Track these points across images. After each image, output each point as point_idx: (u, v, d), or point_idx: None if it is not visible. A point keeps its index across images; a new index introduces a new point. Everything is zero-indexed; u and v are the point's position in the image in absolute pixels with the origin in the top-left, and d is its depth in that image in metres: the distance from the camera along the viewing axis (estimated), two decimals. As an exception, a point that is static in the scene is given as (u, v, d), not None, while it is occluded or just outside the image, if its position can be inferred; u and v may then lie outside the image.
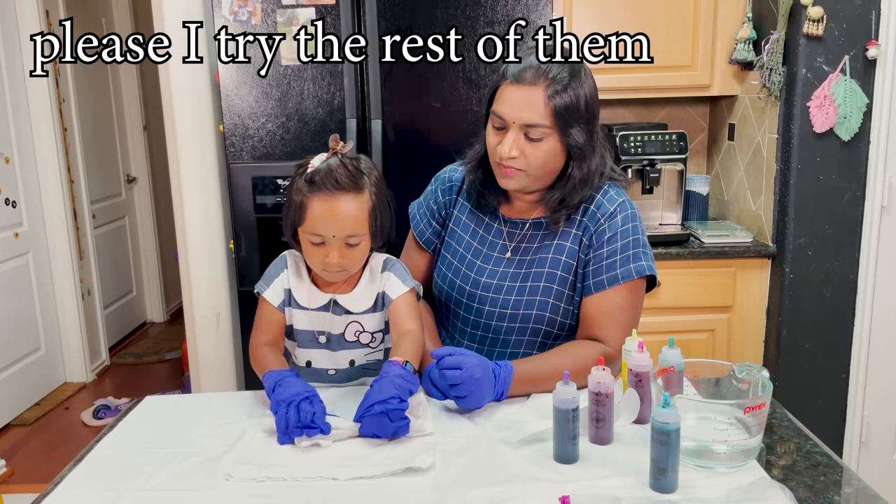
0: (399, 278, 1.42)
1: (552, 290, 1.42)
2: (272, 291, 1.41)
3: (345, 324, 1.42)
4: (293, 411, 1.20)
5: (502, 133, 1.36)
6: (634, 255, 1.40)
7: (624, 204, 1.43)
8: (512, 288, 1.44)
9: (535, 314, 1.42)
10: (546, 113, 1.32)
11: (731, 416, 1.12)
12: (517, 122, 1.33)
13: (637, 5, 2.56)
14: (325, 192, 1.30)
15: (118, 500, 1.07)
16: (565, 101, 1.32)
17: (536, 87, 1.32)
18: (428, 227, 1.57)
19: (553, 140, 1.34)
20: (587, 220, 1.42)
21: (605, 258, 1.39)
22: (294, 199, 1.33)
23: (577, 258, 1.42)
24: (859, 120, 2.32)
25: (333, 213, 1.30)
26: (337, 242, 1.31)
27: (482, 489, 1.06)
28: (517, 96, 1.33)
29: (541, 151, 1.34)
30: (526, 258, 1.45)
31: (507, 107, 1.34)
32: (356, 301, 1.41)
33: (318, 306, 1.41)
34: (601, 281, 1.39)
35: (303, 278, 1.42)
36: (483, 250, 1.49)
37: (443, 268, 1.54)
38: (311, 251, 1.34)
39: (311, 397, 1.22)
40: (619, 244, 1.40)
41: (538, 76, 1.32)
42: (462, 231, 1.53)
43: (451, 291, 1.50)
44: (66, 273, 3.85)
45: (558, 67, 1.33)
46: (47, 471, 3.00)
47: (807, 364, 2.48)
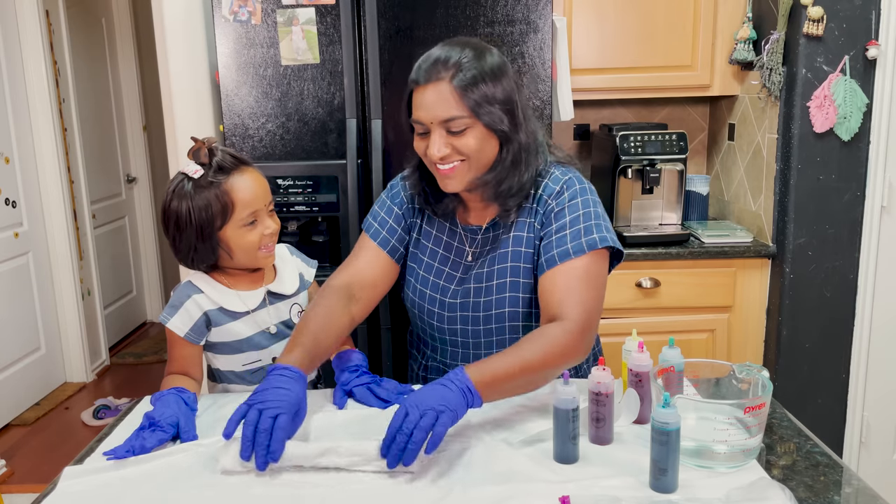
0: (304, 261, 1.60)
1: (518, 283, 1.40)
2: (178, 320, 1.42)
3: (287, 307, 1.50)
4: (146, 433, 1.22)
5: (427, 137, 1.33)
6: (586, 228, 1.34)
7: (571, 180, 1.39)
8: (479, 290, 1.42)
9: (509, 311, 1.41)
10: (458, 103, 1.28)
11: (731, 416, 1.12)
12: (435, 121, 1.30)
13: (637, 5, 2.56)
14: (237, 171, 1.39)
15: (118, 499, 1.07)
16: (473, 86, 1.27)
17: (442, 80, 1.28)
18: (392, 233, 1.49)
19: (477, 128, 1.30)
20: (536, 205, 1.40)
21: (555, 233, 1.35)
22: (209, 204, 1.36)
23: (533, 245, 1.40)
24: (859, 120, 2.32)
25: (256, 181, 1.41)
26: (265, 212, 1.42)
27: (482, 489, 1.06)
28: (427, 97, 1.29)
29: (469, 140, 1.30)
30: (486, 259, 1.43)
31: (421, 110, 1.31)
32: (286, 283, 1.51)
33: (256, 304, 1.46)
34: (552, 257, 1.34)
35: (225, 290, 1.45)
36: (450, 257, 1.47)
37: (411, 279, 1.50)
38: (246, 237, 1.40)
39: (155, 427, 1.22)
40: (567, 219, 1.35)
41: (441, 69, 1.28)
42: (426, 240, 1.50)
43: (424, 304, 1.48)
44: (66, 273, 3.85)
45: (458, 53, 1.29)
46: (47, 471, 3.00)
47: (807, 364, 2.48)
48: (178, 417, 1.24)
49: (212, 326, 1.44)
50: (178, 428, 1.23)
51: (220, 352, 1.47)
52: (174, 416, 1.24)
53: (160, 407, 1.26)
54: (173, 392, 1.30)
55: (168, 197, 1.39)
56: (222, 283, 1.45)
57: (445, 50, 1.30)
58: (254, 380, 1.48)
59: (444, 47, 1.32)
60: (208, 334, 1.45)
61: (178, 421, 1.24)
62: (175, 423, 1.23)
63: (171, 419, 1.23)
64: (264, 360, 1.48)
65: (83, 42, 4.19)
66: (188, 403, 1.29)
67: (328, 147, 2.29)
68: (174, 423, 1.23)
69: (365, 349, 2.28)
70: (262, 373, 1.47)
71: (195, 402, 1.32)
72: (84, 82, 4.16)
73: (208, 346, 1.47)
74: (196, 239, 1.38)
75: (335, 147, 2.28)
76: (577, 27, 2.58)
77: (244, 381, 1.49)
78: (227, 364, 1.48)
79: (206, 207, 1.36)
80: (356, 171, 2.22)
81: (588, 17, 2.58)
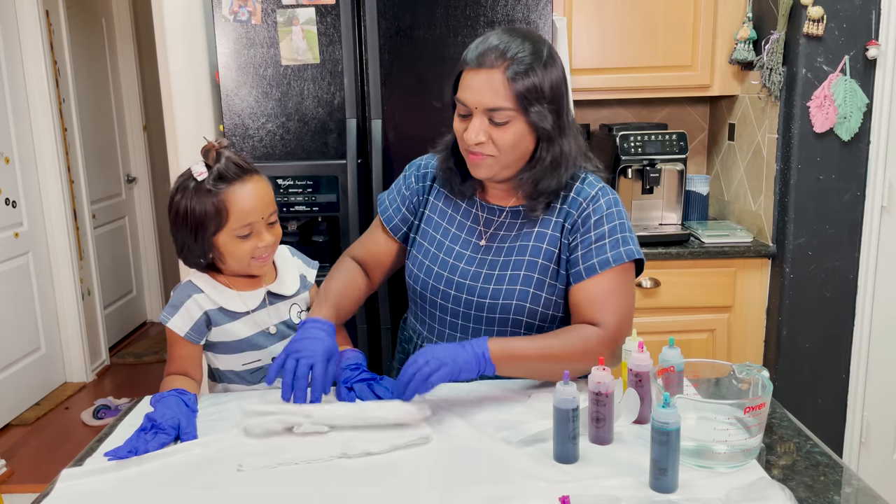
0: (305, 263, 1.59)
1: (532, 278, 1.39)
2: (178, 320, 1.42)
3: (287, 307, 1.50)
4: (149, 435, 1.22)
5: (468, 120, 1.34)
6: (623, 238, 1.37)
7: (605, 189, 1.41)
8: (491, 276, 1.41)
9: (516, 304, 1.39)
10: (507, 95, 1.29)
11: (731, 416, 1.12)
12: (480, 107, 1.31)
13: (637, 5, 2.56)
14: (238, 181, 1.37)
15: (118, 499, 1.07)
16: (526, 81, 1.28)
17: (496, 69, 1.28)
18: (397, 212, 1.54)
19: (519, 123, 1.31)
20: (568, 207, 1.40)
21: (594, 242, 1.37)
22: (205, 210, 1.36)
23: (558, 244, 1.39)
24: (859, 120, 2.32)
25: (255, 194, 1.38)
26: (263, 224, 1.39)
27: (482, 489, 1.06)
28: (477, 81, 1.30)
29: (508, 135, 1.31)
30: (503, 246, 1.42)
31: (468, 92, 1.32)
32: (286, 284, 1.51)
33: (256, 304, 1.46)
34: (592, 265, 1.36)
35: (225, 290, 1.45)
36: (461, 235, 1.47)
37: (418, 255, 1.50)
38: (240, 247, 1.39)
39: (157, 429, 1.22)
40: (605, 227, 1.37)
41: (497, 58, 1.29)
42: (439, 217, 1.50)
43: (428, 279, 1.46)
44: (66, 273, 3.85)
45: (517, 46, 1.30)
46: (47, 471, 3.00)
47: (807, 364, 2.48)
48: (179, 419, 1.24)
49: (212, 326, 1.44)
50: (179, 430, 1.23)
51: (220, 351, 1.47)
52: (175, 419, 1.24)
53: (161, 409, 1.26)
54: (174, 394, 1.30)
55: (173, 190, 1.41)
56: (222, 282, 1.45)
57: (505, 39, 1.31)
58: (254, 380, 1.48)
59: (503, 35, 1.32)
60: (208, 334, 1.45)
61: (179, 423, 1.24)
62: (176, 425, 1.23)
63: (172, 421, 1.23)
64: (264, 360, 1.48)
65: (83, 42, 4.19)
66: (189, 405, 1.29)
67: (328, 147, 2.29)
68: (175, 426, 1.23)
69: (365, 349, 2.28)
70: (262, 372, 1.47)
71: (195, 404, 1.32)
72: (84, 82, 4.16)
73: (208, 345, 1.47)
74: (189, 238, 1.39)
75: (335, 147, 2.28)
76: (577, 27, 2.58)
77: (244, 380, 1.49)
78: (227, 364, 1.48)
79: (201, 212, 1.36)
80: (356, 171, 2.22)
81: (588, 17, 2.58)
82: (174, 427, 1.23)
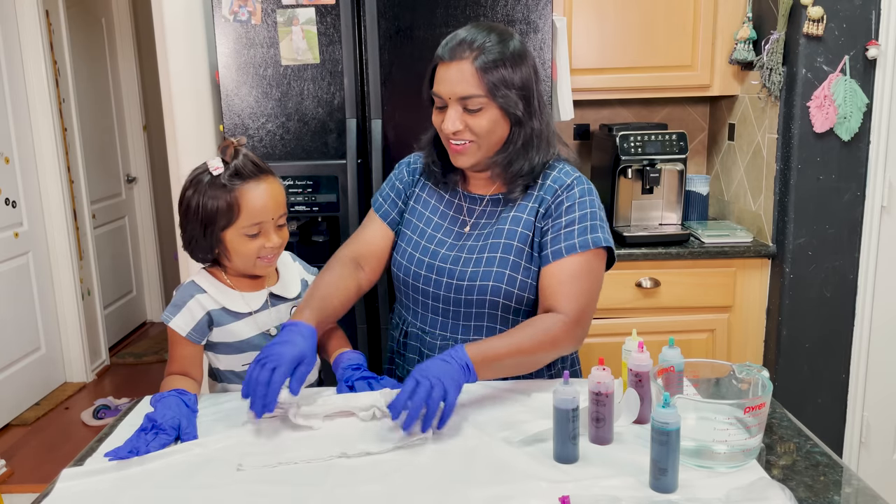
0: (305, 269, 1.59)
1: (508, 261, 1.43)
2: (180, 320, 1.42)
3: (289, 309, 1.50)
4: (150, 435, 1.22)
5: (444, 112, 1.40)
6: (592, 226, 1.41)
7: (580, 178, 1.47)
8: (469, 260, 1.45)
9: (493, 286, 1.42)
10: (477, 83, 1.35)
11: (731, 416, 1.12)
12: (453, 97, 1.37)
13: (637, 5, 2.56)
14: (254, 179, 1.38)
15: (118, 499, 1.07)
16: (495, 69, 1.35)
17: (465, 59, 1.35)
18: (393, 206, 1.58)
19: (492, 109, 1.37)
20: (543, 193, 1.45)
21: (564, 227, 1.41)
22: (217, 205, 1.36)
23: (532, 228, 1.44)
24: (859, 120, 2.32)
25: (269, 194, 1.39)
26: (272, 225, 1.40)
27: (482, 489, 1.06)
28: (449, 73, 1.37)
29: (482, 121, 1.37)
30: (483, 232, 1.47)
31: (442, 85, 1.38)
32: (288, 286, 1.51)
33: (259, 305, 1.46)
34: (559, 249, 1.40)
35: (228, 291, 1.45)
36: (444, 224, 1.52)
37: (402, 244, 1.55)
38: (247, 245, 1.39)
39: (157, 430, 1.22)
40: (576, 214, 1.42)
41: (465, 49, 1.36)
42: (423, 207, 1.55)
43: (411, 266, 1.50)
44: (66, 273, 3.85)
45: (484, 37, 1.36)
46: (47, 471, 3.00)
47: (807, 364, 2.48)
48: (179, 420, 1.24)
49: (214, 326, 1.44)
50: (179, 430, 1.23)
51: (220, 352, 1.47)
52: (175, 419, 1.24)
53: (161, 409, 1.25)
54: (174, 394, 1.30)
55: (187, 183, 1.41)
56: (226, 283, 1.45)
57: (472, 32, 1.38)
58: None
59: (470, 29, 1.39)
60: (210, 334, 1.45)
61: (179, 423, 1.24)
62: (177, 425, 1.23)
63: (172, 421, 1.23)
64: None
65: (83, 42, 4.19)
66: (189, 405, 1.29)
67: (328, 147, 2.29)
68: (176, 426, 1.23)
69: (365, 349, 2.28)
70: None
71: (195, 404, 1.32)
72: (84, 82, 4.16)
73: (209, 345, 1.47)
74: (198, 232, 1.39)
75: (335, 147, 2.28)
76: (577, 27, 2.58)
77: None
78: (227, 364, 1.48)
79: (213, 206, 1.36)
80: (356, 171, 2.22)
81: (588, 17, 2.58)
82: (174, 427, 1.23)
